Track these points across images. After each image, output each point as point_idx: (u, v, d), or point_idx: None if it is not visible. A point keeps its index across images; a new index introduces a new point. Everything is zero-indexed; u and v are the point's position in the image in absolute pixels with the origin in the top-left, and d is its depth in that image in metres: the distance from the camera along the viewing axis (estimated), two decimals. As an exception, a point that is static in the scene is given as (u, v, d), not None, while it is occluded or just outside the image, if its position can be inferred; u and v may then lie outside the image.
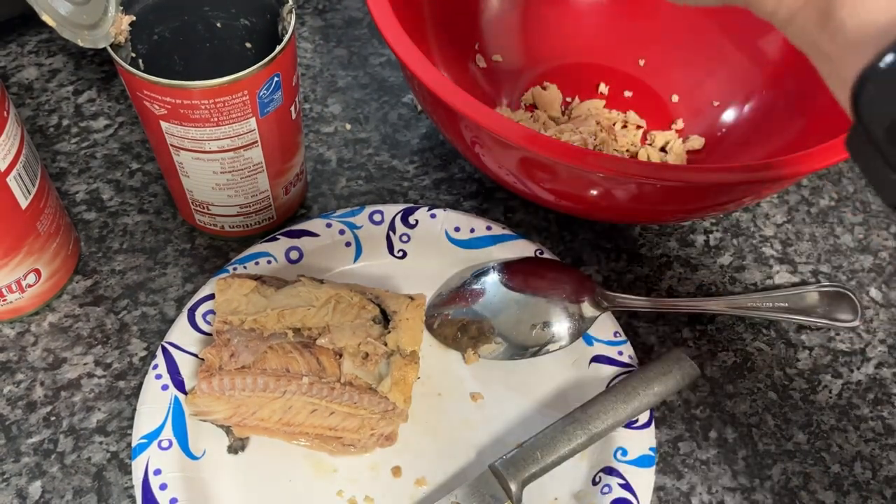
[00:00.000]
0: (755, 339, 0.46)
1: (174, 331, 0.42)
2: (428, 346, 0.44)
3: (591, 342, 0.43)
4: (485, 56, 0.55)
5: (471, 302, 0.44)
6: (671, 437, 0.42)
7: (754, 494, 0.41)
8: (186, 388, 0.41)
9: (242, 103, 0.39)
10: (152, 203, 0.50)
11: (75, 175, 0.51)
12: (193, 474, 0.39)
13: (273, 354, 0.39)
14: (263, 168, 0.43)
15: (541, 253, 0.46)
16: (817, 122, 0.46)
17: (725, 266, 0.49)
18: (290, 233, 0.46)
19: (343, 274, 0.46)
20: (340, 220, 0.47)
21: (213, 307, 0.42)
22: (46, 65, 0.56)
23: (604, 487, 0.39)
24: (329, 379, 0.38)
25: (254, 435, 0.40)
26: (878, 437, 0.43)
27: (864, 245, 0.51)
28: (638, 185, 0.39)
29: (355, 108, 0.55)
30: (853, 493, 0.41)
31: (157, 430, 0.39)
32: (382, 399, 0.38)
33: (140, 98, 0.39)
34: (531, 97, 0.54)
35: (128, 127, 0.53)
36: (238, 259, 0.45)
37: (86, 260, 0.47)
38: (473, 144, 0.42)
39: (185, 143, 0.40)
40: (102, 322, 0.45)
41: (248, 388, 0.38)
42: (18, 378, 0.43)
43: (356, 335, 0.39)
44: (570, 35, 0.57)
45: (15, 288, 0.42)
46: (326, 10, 0.61)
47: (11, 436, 0.41)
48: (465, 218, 0.47)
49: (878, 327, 0.47)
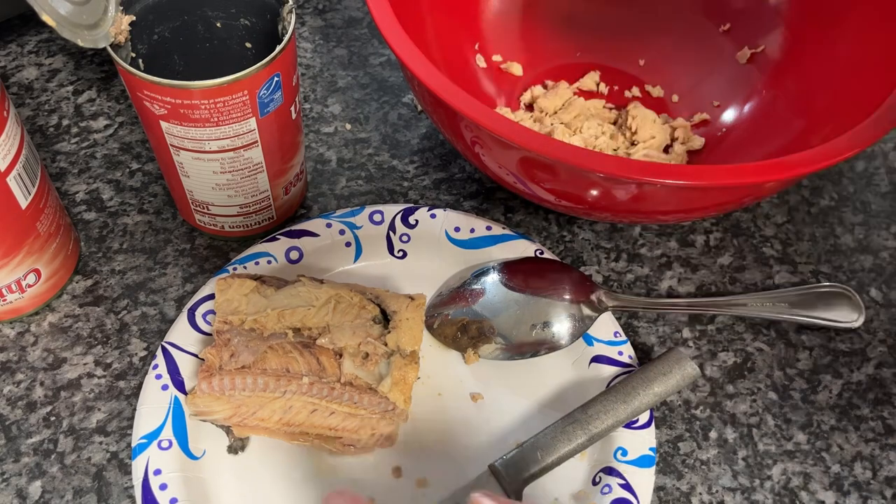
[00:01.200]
0: (755, 340, 0.46)
1: (174, 331, 0.42)
2: (428, 346, 0.44)
3: (591, 342, 0.43)
4: (485, 56, 0.55)
5: (471, 302, 0.44)
6: (671, 437, 0.42)
7: (754, 495, 0.41)
8: (186, 388, 0.41)
9: (242, 103, 0.39)
10: (152, 203, 0.50)
11: (75, 175, 0.51)
12: (193, 474, 0.39)
13: (273, 354, 0.39)
14: (263, 168, 0.43)
15: (541, 253, 0.46)
16: (817, 122, 0.46)
17: (725, 266, 0.49)
18: (290, 233, 0.46)
19: (343, 274, 0.46)
20: (340, 220, 0.47)
21: (213, 307, 0.42)
22: (46, 65, 0.56)
23: (604, 487, 0.39)
24: (329, 379, 0.38)
25: (254, 435, 0.40)
26: (878, 438, 0.43)
27: (865, 245, 0.51)
28: (638, 185, 0.39)
29: (355, 108, 0.55)
30: (853, 493, 0.41)
31: (157, 430, 0.39)
32: (382, 399, 0.38)
33: (140, 98, 0.39)
34: (531, 97, 0.54)
35: (128, 127, 0.53)
36: (238, 259, 0.45)
37: (86, 260, 0.47)
38: (473, 144, 0.42)
39: (185, 143, 0.40)
40: (102, 322, 0.45)
41: (249, 388, 0.38)
42: (18, 378, 0.43)
43: (356, 335, 0.39)
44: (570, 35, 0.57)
45: (15, 288, 0.42)
46: (326, 10, 0.61)
47: (11, 436, 0.41)
48: (465, 218, 0.47)
49: (878, 327, 0.47)
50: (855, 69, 0.46)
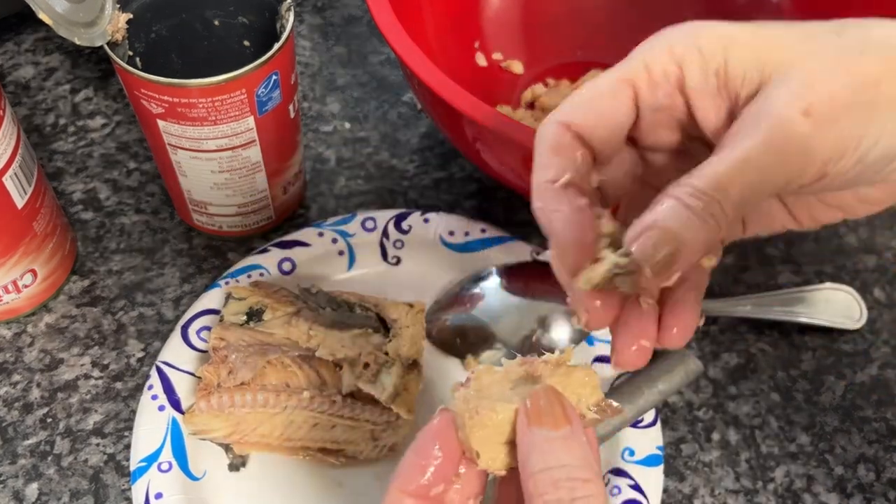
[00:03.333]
0: (758, 340, 0.46)
1: (168, 349, 0.41)
2: (427, 353, 0.43)
3: (593, 342, 0.43)
4: (485, 54, 0.54)
5: (470, 307, 0.44)
6: (674, 438, 0.42)
7: (757, 497, 0.41)
8: (183, 407, 0.40)
9: (240, 102, 0.38)
10: (150, 203, 0.49)
11: (72, 174, 0.50)
12: (195, 495, 0.38)
13: (272, 370, 0.38)
14: (262, 167, 0.43)
15: (537, 254, 0.45)
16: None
17: (728, 266, 0.49)
18: (282, 244, 0.45)
19: (338, 283, 0.45)
20: (332, 228, 0.46)
21: (207, 323, 0.42)
22: (43, 63, 0.56)
23: (613, 489, 0.38)
24: (330, 392, 0.38)
25: (254, 451, 0.40)
26: (881, 439, 0.43)
27: (869, 245, 0.50)
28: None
29: (354, 107, 0.55)
30: (857, 495, 0.41)
31: (157, 452, 0.38)
32: (385, 410, 0.37)
33: (137, 97, 0.39)
34: (532, 95, 0.54)
35: (125, 126, 0.53)
36: (230, 272, 0.44)
37: (82, 260, 0.47)
38: (474, 142, 0.42)
39: (182, 142, 0.40)
40: (99, 323, 0.45)
41: (248, 404, 0.37)
42: (15, 379, 0.42)
43: (356, 345, 0.38)
44: (571, 33, 0.56)
45: (11, 288, 0.42)
46: (325, 8, 0.61)
47: (8, 437, 0.41)
48: (459, 221, 0.46)
49: (882, 328, 0.47)
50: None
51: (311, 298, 0.41)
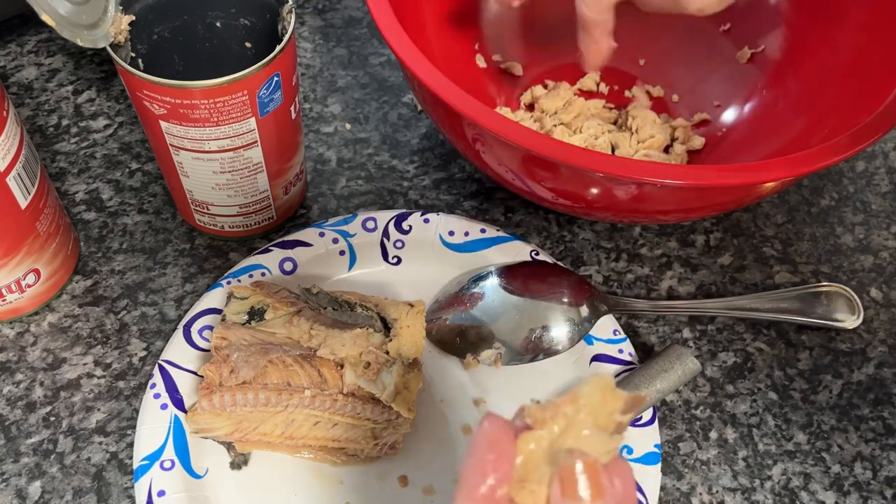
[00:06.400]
0: (755, 340, 0.46)
1: (170, 348, 0.42)
2: (427, 352, 0.44)
3: (591, 341, 0.43)
4: (485, 55, 0.55)
5: (469, 306, 0.44)
6: (671, 437, 0.42)
7: (755, 495, 0.41)
8: (186, 405, 0.40)
9: (242, 103, 0.39)
10: (152, 203, 0.50)
11: (75, 175, 0.51)
12: (197, 493, 0.38)
13: (273, 369, 0.38)
14: (263, 168, 0.43)
15: (536, 254, 0.46)
16: (817, 122, 0.46)
17: (726, 266, 0.49)
18: (284, 244, 0.45)
19: (339, 283, 0.46)
20: (333, 228, 0.46)
21: (209, 323, 0.42)
22: (46, 64, 0.56)
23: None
24: (331, 391, 0.38)
25: (256, 450, 0.40)
26: (878, 438, 0.43)
27: (865, 245, 0.51)
28: (638, 185, 0.39)
29: (355, 108, 0.55)
30: (854, 493, 0.41)
31: (159, 450, 0.39)
32: (386, 408, 0.38)
33: (140, 98, 0.39)
34: (531, 97, 0.54)
35: (127, 127, 0.53)
36: (232, 272, 0.44)
37: (85, 260, 0.47)
38: (474, 142, 0.42)
39: (184, 143, 0.40)
40: (102, 322, 0.45)
41: (250, 403, 0.37)
42: (18, 378, 0.43)
43: (357, 345, 0.38)
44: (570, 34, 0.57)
45: (14, 288, 0.42)
46: (326, 10, 0.61)
47: (11, 436, 0.41)
48: (459, 221, 0.47)
49: (878, 327, 0.47)
50: (855, 69, 0.46)
51: (313, 298, 0.41)
